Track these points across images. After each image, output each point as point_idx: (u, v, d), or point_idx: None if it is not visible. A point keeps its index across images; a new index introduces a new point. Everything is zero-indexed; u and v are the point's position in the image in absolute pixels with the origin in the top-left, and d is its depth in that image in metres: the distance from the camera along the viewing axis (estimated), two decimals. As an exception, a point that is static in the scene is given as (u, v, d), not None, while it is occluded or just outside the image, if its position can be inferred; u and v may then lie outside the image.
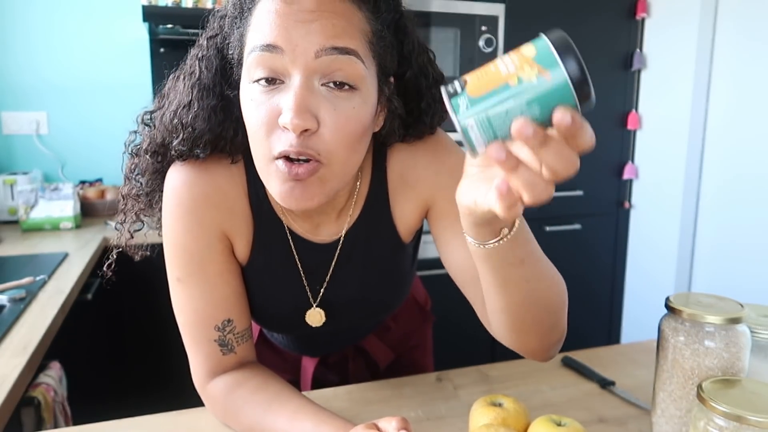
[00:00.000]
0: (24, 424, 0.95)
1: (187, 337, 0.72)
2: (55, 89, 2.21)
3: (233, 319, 0.72)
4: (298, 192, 0.59)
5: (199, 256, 0.70)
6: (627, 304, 2.60)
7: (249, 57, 0.59)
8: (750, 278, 2.06)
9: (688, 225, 2.29)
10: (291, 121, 0.55)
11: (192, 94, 0.66)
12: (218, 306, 0.70)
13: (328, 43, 0.56)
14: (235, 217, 0.71)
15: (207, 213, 0.69)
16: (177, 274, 0.70)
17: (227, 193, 0.70)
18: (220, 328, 0.71)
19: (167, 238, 0.70)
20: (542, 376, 0.87)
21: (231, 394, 0.70)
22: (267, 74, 0.58)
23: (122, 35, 2.24)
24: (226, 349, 0.71)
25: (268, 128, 0.58)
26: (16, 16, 2.14)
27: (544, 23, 2.26)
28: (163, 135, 0.68)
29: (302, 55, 0.56)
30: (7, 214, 2.00)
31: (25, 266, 1.44)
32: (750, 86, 2.06)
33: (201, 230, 0.69)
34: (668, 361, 0.63)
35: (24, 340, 1.00)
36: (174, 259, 0.70)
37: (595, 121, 2.55)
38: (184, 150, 0.67)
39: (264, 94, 0.58)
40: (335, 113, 0.58)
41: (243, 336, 0.73)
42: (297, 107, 0.55)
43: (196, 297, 0.70)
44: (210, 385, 0.72)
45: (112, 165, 2.28)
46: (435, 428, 0.72)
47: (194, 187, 0.69)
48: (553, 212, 2.41)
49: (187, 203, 0.69)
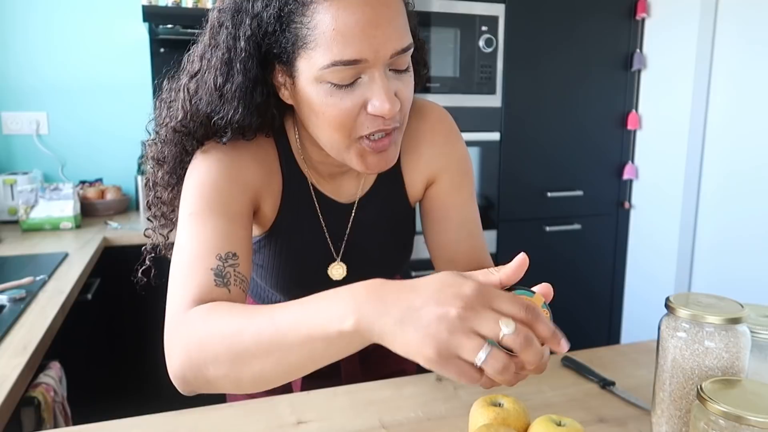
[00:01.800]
0: (24, 424, 0.95)
1: (181, 273, 0.65)
2: (55, 89, 2.21)
3: (239, 256, 0.68)
4: (383, 160, 0.69)
5: (227, 194, 0.70)
6: (627, 304, 2.60)
7: (329, 69, 0.61)
8: (750, 278, 2.06)
9: (688, 225, 2.29)
10: (389, 111, 0.63)
11: (236, 98, 0.67)
12: (228, 238, 0.67)
13: (399, 45, 0.63)
14: (269, 175, 0.77)
15: (249, 163, 0.74)
16: (191, 209, 0.69)
17: (266, 151, 0.77)
18: (223, 258, 0.66)
19: (197, 176, 0.71)
20: (542, 376, 0.86)
21: (212, 310, 0.60)
22: (350, 81, 0.63)
23: (122, 35, 2.24)
24: (220, 281, 0.64)
25: (353, 117, 0.65)
26: (16, 16, 2.14)
27: (544, 23, 2.26)
28: (204, 133, 0.72)
29: (381, 58, 0.62)
30: (7, 214, 2.01)
31: (25, 266, 1.44)
32: (750, 86, 2.06)
33: (238, 173, 0.72)
34: (668, 361, 0.63)
35: (24, 340, 1.00)
36: (194, 195, 0.70)
37: (595, 121, 2.57)
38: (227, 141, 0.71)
39: (342, 90, 0.63)
40: (405, 88, 0.67)
41: (242, 280, 0.67)
42: (390, 98, 0.63)
43: (208, 229, 0.67)
44: (192, 310, 0.61)
45: (112, 165, 2.28)
46: (435, 428, 0.72)
47: (238, 145, 0.74)
48: (553, 212, 2.41)
49: (232, 153, 0.73)
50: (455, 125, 0.86)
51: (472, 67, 2.19)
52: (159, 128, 0.76)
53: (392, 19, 0.62)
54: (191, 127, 0.71)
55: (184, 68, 0.73)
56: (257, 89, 0.67)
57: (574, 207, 2.44)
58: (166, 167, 0.76)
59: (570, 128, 2.38)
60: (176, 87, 0.74)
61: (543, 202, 2.39)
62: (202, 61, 0.70)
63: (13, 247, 1.67)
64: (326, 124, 0.66)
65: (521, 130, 2.31)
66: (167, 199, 0.80)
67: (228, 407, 0.78)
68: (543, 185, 2.38)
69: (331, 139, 0.68)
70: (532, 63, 2.27)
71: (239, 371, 0.55)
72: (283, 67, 0.66)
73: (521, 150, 2.33)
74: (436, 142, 0.83)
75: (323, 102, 0.64)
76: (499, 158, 2.29)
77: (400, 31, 0.64)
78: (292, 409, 0.77)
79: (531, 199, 2.37)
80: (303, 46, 0.62)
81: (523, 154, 2.33)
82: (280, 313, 0.54)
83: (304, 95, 0.66)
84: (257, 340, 0.54)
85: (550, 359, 0.91)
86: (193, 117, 0.71)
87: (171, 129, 0.72)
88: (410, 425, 0.73)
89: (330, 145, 0.69)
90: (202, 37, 0.71)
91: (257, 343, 0.54)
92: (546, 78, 2.30)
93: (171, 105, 0.75)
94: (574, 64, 2.32)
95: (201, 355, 0.57)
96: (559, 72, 2.31)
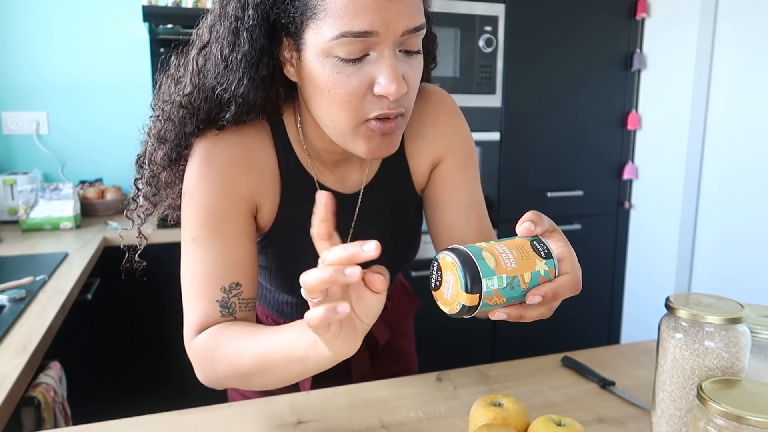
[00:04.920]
0: (24, 424, 0.95)
1: (189, 296, 0.71)
2: (55, 89, 2.21)
3: (242, 283, 0.71)
4: (386, 144, 0.66)
5: (221, 216, 0.70)
6: (627, 304, 2.60)
7: (338, 40, 0.59)
8: (750, 278, 2.06)
9: (688, 225, 2.29)
10: (396, 92, 0.61)
11: (241, 68, 0.66)
12: (230, 268, 0.70)
13: (411, 23, 0.61)
14: (264, 177, 0.74)
15: (237, 175, 0.72)
16: (193, 234, 0.70)
17: (258, 153, 0.74)
18: (227, 289, 0.70)
19: (191, 198, 0.71)
20: (542, 376, 0.87)
21: (216, 336, 0.68)
22: (358, 55, 0.61)
23: (122, 35, 2.24)
24: (226, 312, 0.70)
25: (360, 97, 0.63)
26: (16, 16, 2.14)
27: (544, 23, 2.26)
28: (208, 110, 0.70)
29: (392, 34, 0.60)
30: (7, 214, 2.00)
31: (25, 266, 1.44)
32: (750, 86, 2.06)
33: (228, 191, 0.71)
34: (668, 361, 0.63)
35: (24, 340, 1.00)
36: (193, 219, 0.70)
37: (595, 121, 2.57)
38: (230, 119, 0.69)
39: (351, 66, 0.61)
40: (413, 73, 0.65)
41: (247, 304, 0.72)
42: (397, 78, 0.61)
43: (209, 257, 0.70)
44: (198, 337, 0.70)
45: (113, 165, 2.28)
46: (435, 428, 0.72)
47: (227, 150, 0.71)
48: (553, 212, 2.41)
49: (219, 164, 0.71)
50: (457, 106, 0.84)
51: (472, 67, 2.19)
52: (164, 104, 0.73)
53: None
54: (196, 104, 0.70)
55: (193, 42, 0.71)
56: (263, 60, 0.65)
57: (574, 207, 2.44)
58: (166, 147, 0.73)
59: (570, 128, 2.38)
60: (185, 62, 0.72)
61: (543, 202, 2.39)
62: (211, 32, 0.68)
63: (13, 247, 1.67)
64: (331, 103, 0.64)
65: (521, 130, 2.31)
66: (165, 180, 0.76)
67: (228, 407, 0.78)
68: (543, 185, 2.38)
69: (336, 120, 0.65)
70: (532, 63, 2.27)
71: (246, 384, 0.68)
72: (290, 40, 0.64)
73: (521, 150, 2.33)
74: (439, 123, 0.81)
75: (329, 78, 0.62)
76: (499, 158, 2.29)
77: (414, 9, 0.61)
78: (292, 409, 0.77)
79: (531, 199, 2.37)
80: (312, 16, 0.60)
81: (523, 154, 2.33)
82: (267, 338, 0.63)
83: (309, 71, 0.64)
84: (252, 362, 0.64)
85: (550, 359, 0.91)
86: (200, 91, 0.69)
87: (177, 105, 0.70)
88: (410, 425, 0.73)
89: (333, 127, 0.67)
90: (212, 9, 0.69)
91: (253, 364, 0.64)
92: (546, 78, 2.30)
93: (179, 80, 0.73)
94: (574, 64, 2.32)
95: (213, 374, 0.69)
96: (559, 72, 2.31)
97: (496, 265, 0.50)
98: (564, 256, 0.54)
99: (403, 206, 0.85)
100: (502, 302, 0.51)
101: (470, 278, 0.49)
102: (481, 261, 0.50)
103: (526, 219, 0.55)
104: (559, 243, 0.55)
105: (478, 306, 0.50)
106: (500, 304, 0.51)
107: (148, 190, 0.77)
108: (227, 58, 0.66)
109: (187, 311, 0.71)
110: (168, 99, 0.73)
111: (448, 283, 0.51)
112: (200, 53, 0.69)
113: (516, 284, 0.51)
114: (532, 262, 0.52)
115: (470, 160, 0.84)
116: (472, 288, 0.49)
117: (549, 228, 0.55)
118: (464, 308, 0.50)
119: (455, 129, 0.83)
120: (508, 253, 0.52)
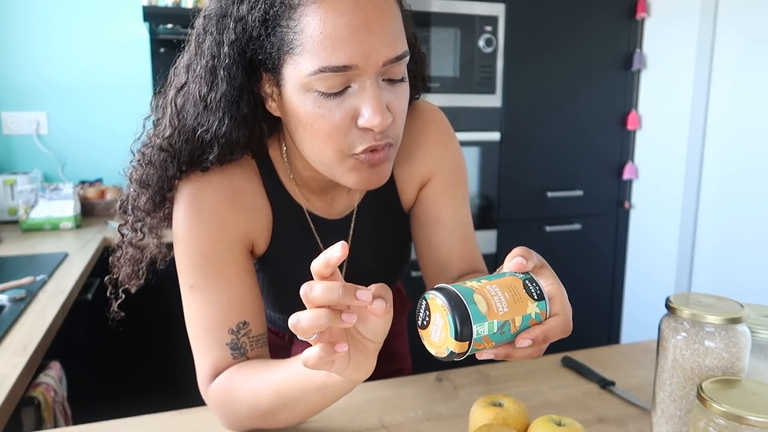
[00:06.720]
0: (24, 424, 0.95)
1: (198, 344, 0.70)
2: (55, 89, 2.21)
3: (249, 321, 0.70)
4: (375, 176, 0.64)
5: (217, 259, 0.69)
6: (627, 304, 2.60)
7: (317, 75, 0.58)
8: (750, 278, 2.06)
9: (688, 225, 2.29)
10: (380, 123, 0.59)
11: (221, 108, 0.63)
12: (234, 308, 0.69)
13: (393, 53, 0.59)
14: (255, 214, 0.73)
15: (229, 216, 0.70)
16: (191, 282, 0.69)
17: (247, 191, 0.72)
18: (234, 331, 0.69)
19: (183, 245, 0.69)
20: (542, 376, 0.87)
21: (233, 377, 0.67)
22: (339, 88, 0.59)
23: (122, 35, 2.24)
24: (237, 353, 0.69)
25: (345, 130, 0.61)
26: (16, 16, 2.14)
27: (544, 23, 2.26)
28: (191, 151, 0.67)
29: (373, 66, 0.58)
30: (7, 214, 2.00)
31: (25, 266, 1.44)
32: (750, 86, 2.06)
33: (221, 233, 0.69)
34: (668, 361, 0.63)
35: (24, 340, 1.00)
36: (188, 266, 0.69)
37: (595, 121, 2.57)
38: (213, 161, 0.67)
39: (332, 100, 0.60)
40: (398, 101, 0.63)
41: (258, 341, 0.71)
42: (381, 110, 0.59)
43: (211, 302, 0.68)
44: (213, 383, 0.69)
45: (112, 165, 2.28)
46: (435, 428, 0.72)
47: (214, 193, 0.69)
48: (553, 212, 2.41)
49: (209, 208, 0.69)
50: (448, 123, 0.82)
51: (472, 67, 2.19)
52: (145, 148, 0.70)
53: (385, 24, 0.58)
54: (177, 147, 0.67)
55: (171, 82, 0.69)
56: (243, 98, 0.63)
57: (574, 207, 2.44)
58: (149, 191, 0.70)
59: (570, 128, 2.38)
60: (163, 103, 0.70)
61: (543, 202, 2.39)
62: (188, 72, 0.66)
63: (13, 247, 1.67)
64: (315, 137, 0.62)
65: (521, 130, 2.31)
66: (150, 225, 0.74)
67: (228, 407, 0.78)
68: (543, 185, 2.38)
69: (321, 154, 0.63)
70: (532, 63, 2.27)
71: (270, 422, 0.67)
72: (269, 75, 0.63)
73: (521, 150, 2.33)
74: (428, 142, 0.80)
75: (311, 113, 0.60)
76: (499, 158, 2.29)
77: (394, 38, 0.59)
78: (292, 409, 0.77)
79: (531, 199, 2.37)
80: (289, 51, 0.59)
81: (523, 154, 2.33)
82: (282, 371, 0.63)
83: (291, 106, 0.62)
84: (270, 398, 0.64)
85: (550, 359, 0.91)
86: (180, 133, 0.66)
87: (157, 148, 0.68)
88: (410, 425, 0.73)
89: (320, 161, 0.65)
90: (188, 47, 0.67)
91: (272, 400, 0.64)
92: (546, 78, 2.30)
93: (158, 123, 0.70)
94: (574, 64, 2.32)
95: (235, 418, 0.68)
96: (559, 72, 2.31)
97: (487, 310, 0.48)
98: (554, 294, 0.52)
99: (392, 225, 0.84)
100: (491, 346, 0.50)
101: (460, 324, 0.47)
102: (473, 306, 0.48)
103: (517, 254, 0.52)
104: (549, 280, 0.52)
105: (467, 352, 0.49)
106: (489, 347, 0.50)
107: (133, 236, 0.74)
108: (206, 97, 0.64)
109: (198, 359, 0.70)
110: (148, 142, 0.70)
111: (436, 325, 0.49)
112: (178, 93, 0.67)
113: (507, 329, 0.49)
114: (524, 305, 0.50)
115: (458, 179, 0.83)
116: (462, 335, 0.47)
117: (538, 264, 0.53)
118: (452, 354, 0.48)
119: (444, 148, 0.81)
120: (500, 296, 0.49)
